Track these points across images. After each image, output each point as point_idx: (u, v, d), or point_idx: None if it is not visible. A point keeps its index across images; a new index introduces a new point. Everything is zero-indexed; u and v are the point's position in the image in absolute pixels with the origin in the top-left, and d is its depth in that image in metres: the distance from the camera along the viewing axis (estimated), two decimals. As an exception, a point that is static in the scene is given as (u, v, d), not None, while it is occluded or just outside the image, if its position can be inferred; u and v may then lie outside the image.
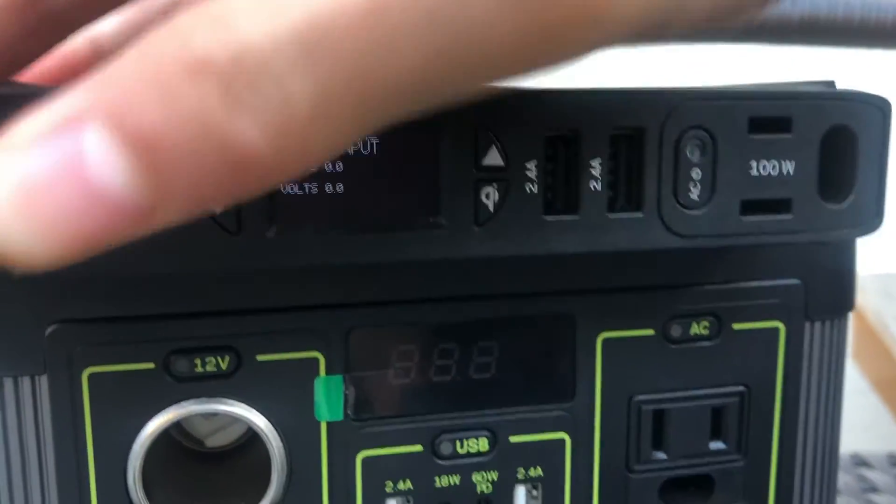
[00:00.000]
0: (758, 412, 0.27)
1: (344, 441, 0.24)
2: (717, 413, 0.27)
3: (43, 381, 0.22)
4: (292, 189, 0.20)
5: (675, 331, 0.26)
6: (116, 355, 0.23)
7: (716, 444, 0.27)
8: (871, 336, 0.92)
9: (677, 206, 0.21)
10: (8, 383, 0.22)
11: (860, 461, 0.50)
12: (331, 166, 0.20)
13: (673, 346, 0.26)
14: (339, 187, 0.20)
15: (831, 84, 0.23)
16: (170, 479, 0.26)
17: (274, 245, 0.20)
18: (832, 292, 0.27)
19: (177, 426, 0.27)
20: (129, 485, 0.23)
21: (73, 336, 0.22)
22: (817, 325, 0.27)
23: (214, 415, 0.27)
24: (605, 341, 0.26)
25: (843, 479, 0.46)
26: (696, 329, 0.26)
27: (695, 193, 0.21)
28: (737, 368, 0.26)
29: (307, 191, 0.20)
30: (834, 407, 0.28)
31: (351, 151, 0.20)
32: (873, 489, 0.45)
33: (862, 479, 0.47)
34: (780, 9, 0.62)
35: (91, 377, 0.23)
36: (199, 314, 0.23)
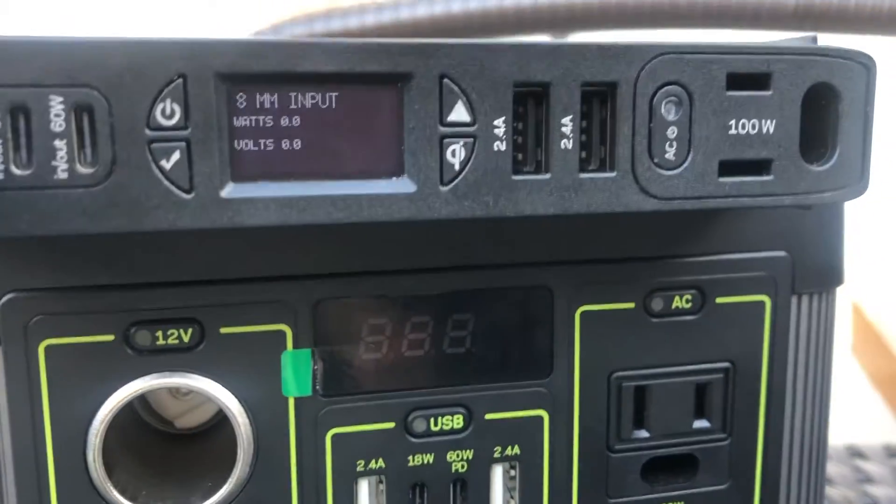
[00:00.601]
0: (743, 389, 0.26)
1: (313, 418, 0.24)
2: (701, 390, 0.26)
3: None
4: (247, 145, 0.19)
5: (657, 304, 0.25)
6: (74, 327, 0.22)
7: (700, 423, 0.26)
8: (869, 332, 0.91)
9: (652, 166, 0.20)
10: None
11: (856, 452, 0.49)
12: (288, 120, 0.19)
13: (654, 321, 0.25)
14: (297, 143, 0.19)
15: (813, 40, 0.22)
16: (136, 459, 0.25)
17: (228, 204, 0.19)
18: (820, 265, 0.26)
19: (144, 406, 0.26)
20: (88, 462, 0.22)
21: (29, 306, 0.22)
22: (804, 298, 0.26)
23: (180, 392, 0.26)
24: (584, 314, 0.25)
25: (839, 469, 0.45)
26: (679, 303, 0.25)
27: (670, 153, 0.20)
28: (721, 344, 0.26)
29: (263, 146, 0.19)
30: (822, 384, 0.27)
31: (309, 105, 0.19)
32: (869, 480, 0.44)
33: (857, 470, 0.46)
34: (774, -4, 0.61)
35: (48, 349, 0.22)
36: (160, 284, 0.22)
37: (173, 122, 0.18)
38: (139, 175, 0.18)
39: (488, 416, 0.25)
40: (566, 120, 0.20)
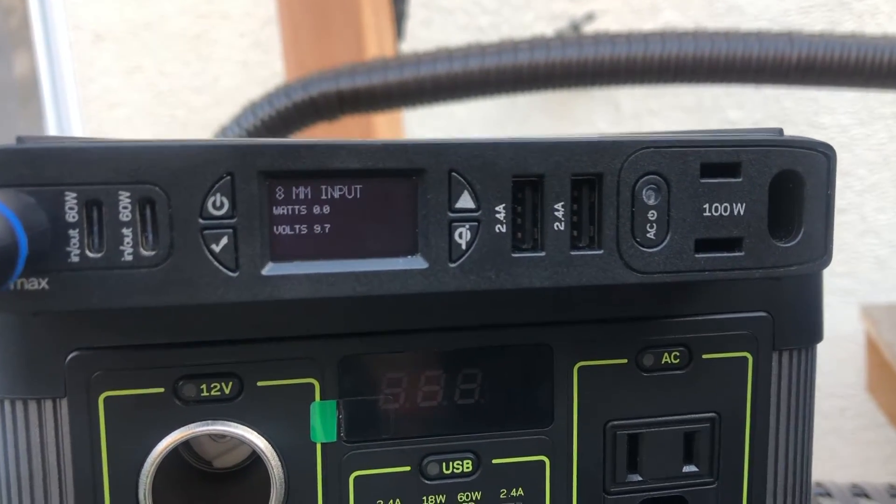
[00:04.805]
0: (728, 437, 0.28)
1: (337, 462, 0.26)
2: (690, 438, 0.28)
3: (63, 404, 0.25)
4: (284, 230, 0.22)
5: (648, 360, 0.28)
6: (130, 380, 0.25)
7: (689, 468, 0.28)
8: (885, 369, 0.92)
9: (635, 244, 0.23)
10: (32, 405, 0.25)
11: (860, 492, 0.50)
12: (319, 209, 0.22)
13: (646, 375, 0.28)
14: (327, 228, 0.22)
15: (779, 131, 0.24)
16: (180, 496, 0.28)
17: (268, 281, 0.22)
18: (799, 324, 0.29)
19: (187, 448, 0.29)
20: (140, 501, 0.25)
21: (91, 363, 0.25)
22: (785, 354, 0.29)
23: (219, 436, 0.29)
24: (581, 369, 0.27)
25: (841, 509, 0.47)
26: (668, 358, 0.28)
27: (651, 233, 0.23)
28: (707, 396, 0.28)
29: (297, 231, 0.22)
30: (804, 432, 0.29)
31: (337, 195, 0.22)
32: (870, 519, 0.46)
33: (859, 509, 0.47)
34: (778, 49, 0.64)
35: (106, 400, 0.25)
36: (205, 343, 0.25)
37: (222, 212, 0.21)
38: (193, 257, 0.21)
39: (495, 461, 0.27)
40: (558, 206, 0.23)
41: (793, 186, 0.24)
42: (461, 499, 0.27)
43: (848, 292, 0.97)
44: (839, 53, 0.60)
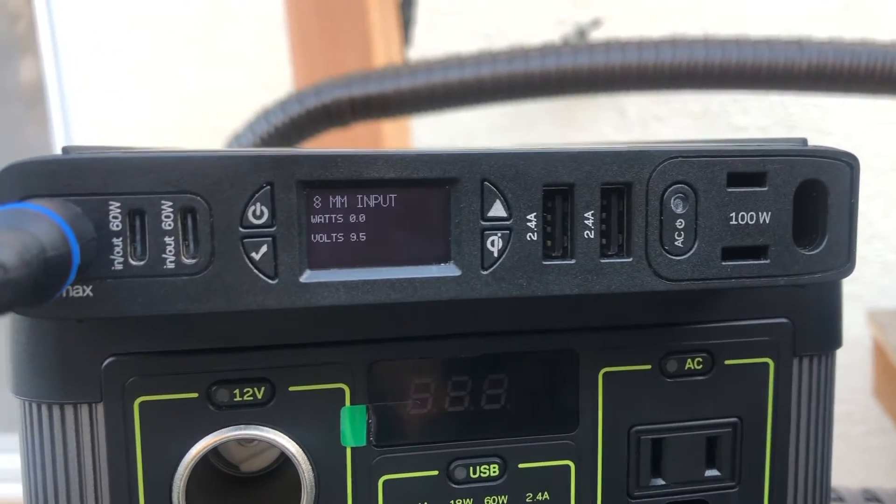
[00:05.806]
0: (750, 442, 0.29)
1: (367, 465, 0.27)
2: (712, 443, 0.29)
3: (99, 409, 0.25)
4: (322, 238, 0.23)
5: (671, 366, 0.28)
6: (164, 386, 0.25)
7: (711, 472, 0.29)
8: (891, 374, 0.92)
9: (663, 252, 0.24)
10: (68, 410, 0.25)
11: (871, 496, 0.50)
12: (355, 217, 0.23)
13: (669, 380, 0.28)
14: (363, 236, 0.23)
15: (804, 141, 0.25)
16: (211, 500, 0.28)
17: (306, 288, 0.22)
18: (819, 330, 0.29)
19: (215, 452, 0.30)
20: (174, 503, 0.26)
21: (127, 368, 0.25)
22: (805, 360, 0.29)
23: (247, 440, 0.29)
24: (606, 375, 0.28)
25: (853, 513, 0.47)
26: (691, 364, 0.28)
27: (679, 241, 0.24)
28: (729, 401, 0.28)
29: (334, 239, 0.23)
30: (824, 437, 0.30)
31: (372, 204, 0.23)
32: (882, 523, 0.46)
33: (872, 513, 0.48)
34: (788, 56, 0.64)
35: (142, 405, 0.25)
36: (238, 349, 0.26)
37: (262, 221, 0.22)
38: (233, 265, 0.22)
39: (521, 466, 0.28)
40: (588, 214, 0.23)
41: (817, 195, 0.24)
42: (488, 503, 0.28)
43: (854, 297, 0.97)
44: (849, 61, 0.61)
